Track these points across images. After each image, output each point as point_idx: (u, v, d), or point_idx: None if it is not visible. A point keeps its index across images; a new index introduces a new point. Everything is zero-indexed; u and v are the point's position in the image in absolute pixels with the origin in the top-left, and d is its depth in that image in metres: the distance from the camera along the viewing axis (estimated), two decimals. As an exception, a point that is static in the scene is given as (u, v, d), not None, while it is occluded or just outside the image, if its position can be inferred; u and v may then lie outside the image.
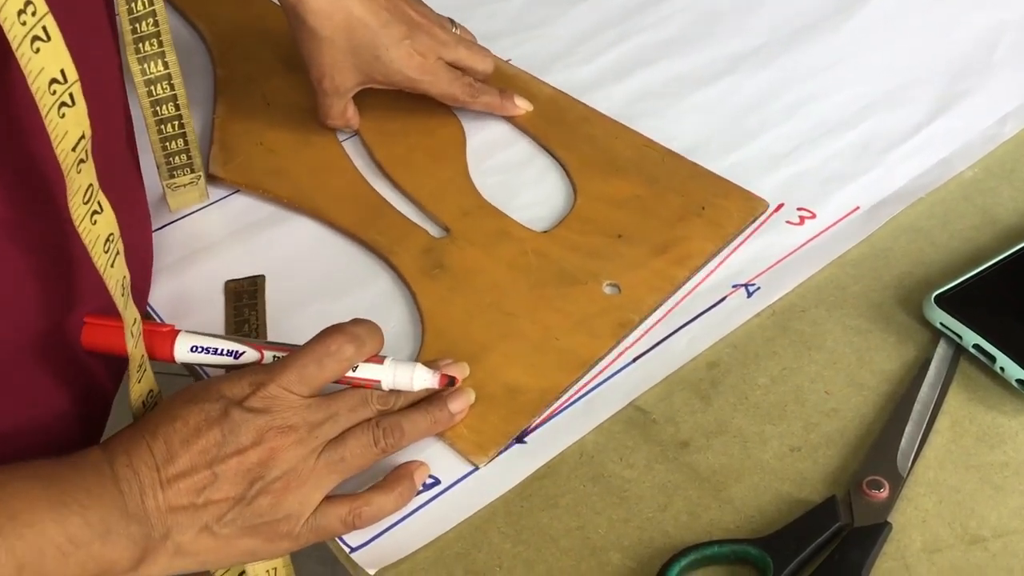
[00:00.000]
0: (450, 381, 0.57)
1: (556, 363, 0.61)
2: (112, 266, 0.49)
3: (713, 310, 0.65)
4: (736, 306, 0.65)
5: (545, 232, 0.68)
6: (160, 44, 0.58)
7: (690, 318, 0.64)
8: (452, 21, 0.75)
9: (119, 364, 0.59)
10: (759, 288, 0.66)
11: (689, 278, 0.66)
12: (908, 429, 0.58)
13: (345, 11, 0.66)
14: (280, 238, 0.70)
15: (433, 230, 0.69)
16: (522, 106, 0.76)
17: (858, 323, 0.64)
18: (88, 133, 0.44)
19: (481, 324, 0.63)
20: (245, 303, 0.65)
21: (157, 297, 0.67)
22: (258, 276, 0.67)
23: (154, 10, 0.56)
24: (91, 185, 0.46)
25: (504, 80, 0.77)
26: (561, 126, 0.75)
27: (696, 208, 0.69)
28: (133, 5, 0.55)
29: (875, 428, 0.58)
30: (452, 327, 0.63)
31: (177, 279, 0.68)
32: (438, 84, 0.71)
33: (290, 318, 0.65)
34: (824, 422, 0.59)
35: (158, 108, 0.60)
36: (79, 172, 0.44)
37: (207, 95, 0.80)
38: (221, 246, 0.70)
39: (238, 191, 0.72)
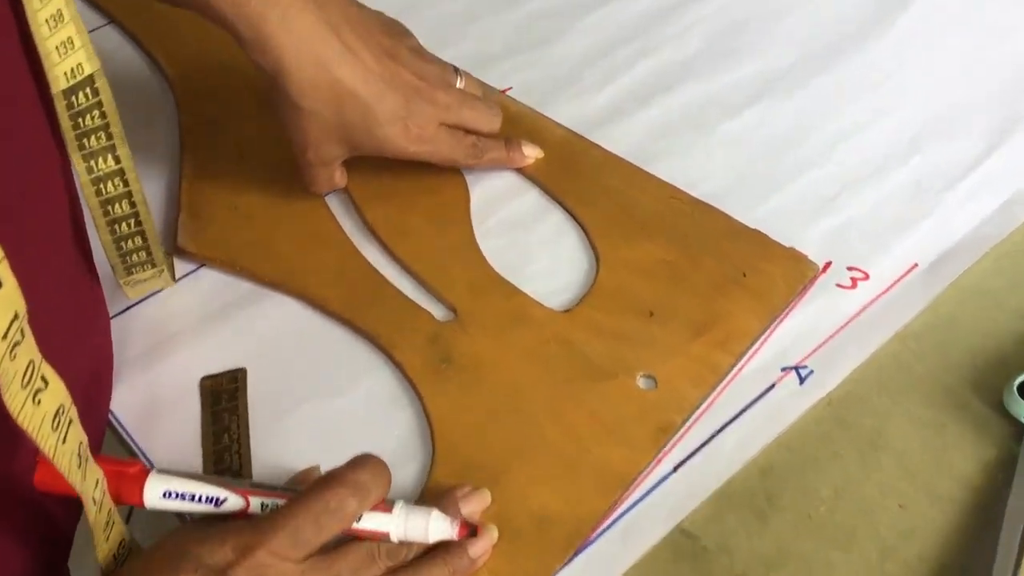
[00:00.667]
0: (471, 531, 0.49)
1: (590, 482, 0.53)
2: (64, 441, 0.40)
3: (762, 401, 0.57)
4: (787, 395, 0.57)
5: (566, 312, 0.60)
6: (109, 137, 0.48)
7: (736, 412, 0.56)
8: (456, 70, 0.65)
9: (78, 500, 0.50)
10: (812, 372, 0.58)
11: (734, 365, 0.57)
12: (999, 553, 0.50)
13: (333, 83, 0.57)
14: (260, 322, 0.61)
15: (438, 311, 0.60)
16: (531, 155, 0.67)
17: (928, 414, 0.56)
18: (23, 310, 0.35)
19: (500, 433, 0.55)
20: (224, 406, 0.57)
21: (121, 400, 0.58)
22: (238, 371, 0.58)
23: (100, 100, 0.47)
24: (31, 362, 0.37)
25: (508, 121, 0.67)
26: (575, 175, 0.67)
27: (736, 275, 0.61)
28: (74, 99, 0.46)
29: (959, 549, 0.51)
30: (466, 438, 0.54)
31: (142, 377, 0.59)
32: (439, 153, 0.62)
33: (276, 422, 0.57)
34: (901, 546, 0.51)
35: (109, 208, 0.51)
36: (14, 358, 0.35)
37: (172, 145, 0.70)
38: (192, 334, 0.61)
39: (205, 265, 0.63)
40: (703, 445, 0.55)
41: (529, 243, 0.64)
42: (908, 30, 0.76)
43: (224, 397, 0.57)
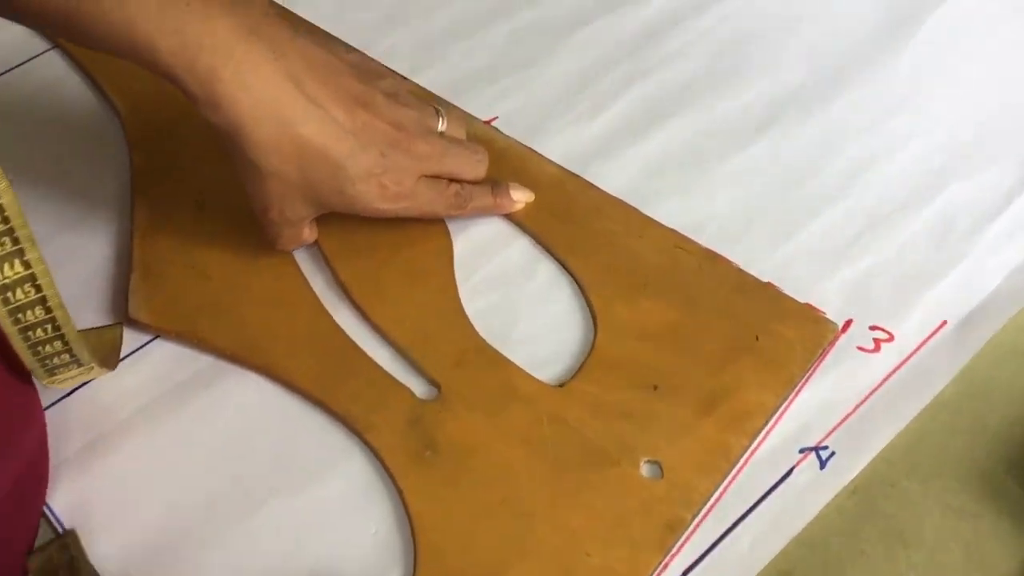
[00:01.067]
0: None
1: (590, 594, 0.47)
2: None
3: (779, 490, 0.51)
4: (808, 483, 0.51)
5: (561, 387, 0.54)
6: (15, 241, 0.42)
7: (750, 505, 0.51)
8: (437, 110, 0.59)
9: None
10: (834, 453, 0.52)
11: (748, 448, 0.52)
12: (1047, 674, 0.45)
13: (297, 141, 0.50)
14: (219, 403, 0.55)
15: (419, 386, 0.54)
16: (520, 199, 0.60)
17: (961, 501, 0.51)
18: None
19: (489, 535, 0.49)
20: None
21: (59, 497, 0.52)
22: (67, 535, 0.50)
23: (0, 204, 0.41)
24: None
25: (495, 159, 0.61)
26: (569, 221, 0.60)
27: (748, 339, 0.55)
28: (-33, 207, 0.40)
29: (1001, 667, 0.45)
30: (452, 541, 0.49)
31: (82, 477, 0.52)
32: (418, 208, 0.56)
33: (240, 525, 0.50)
34: (937, 664, 0.46)
35: (21, 315, 0.44)
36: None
37: (122, 190, 0.64)
38: (140, 422, 0.54)
39: (159, 336, 0.57)
40: (715, 545, 0.49)
41: (519, 301, 0.58)
42: (927, 41, 0.69)
43: (61, 572, 0.50)
